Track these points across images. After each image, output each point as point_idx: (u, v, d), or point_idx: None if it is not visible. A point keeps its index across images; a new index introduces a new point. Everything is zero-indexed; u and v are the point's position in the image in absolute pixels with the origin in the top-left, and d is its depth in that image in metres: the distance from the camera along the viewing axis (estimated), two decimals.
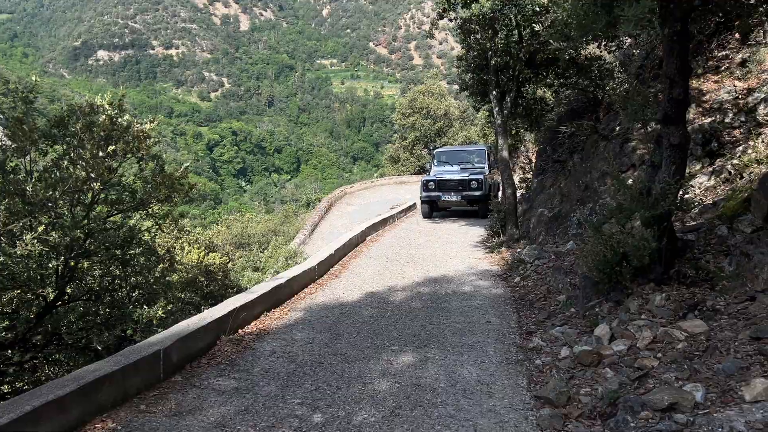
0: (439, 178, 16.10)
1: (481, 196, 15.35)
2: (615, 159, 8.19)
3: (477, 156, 17.36)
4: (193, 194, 6.47)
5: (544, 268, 8.11)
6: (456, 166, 17.03)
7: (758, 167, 6.16)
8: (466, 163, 17.06)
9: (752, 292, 4.53)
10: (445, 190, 15.88)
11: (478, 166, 16.71)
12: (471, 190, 15.51)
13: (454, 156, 17.84)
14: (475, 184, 15.45)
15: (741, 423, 2.89)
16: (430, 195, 16.13)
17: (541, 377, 4.45)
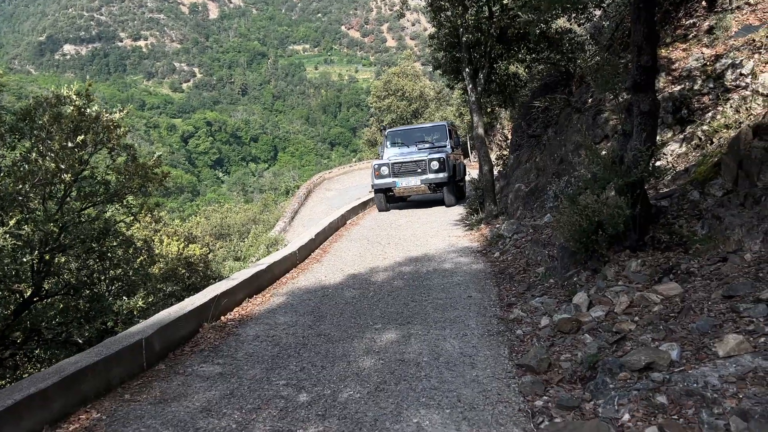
0: (394, 160, 13.72)
1: (446, 179, 13.25)
2: (588, 131, 8.26)
3: (437, 134, 15.15)
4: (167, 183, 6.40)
5: (522, 241, 8.19)
6: (412, 146, 14.93)
7: (727, 132, 6.26)
8: (424, 143, 14.96)
9: (724, 254, 4.63)
10: (401, 174, 13.56)
11: (439, 145, 14.58)
12: (432, 172, 13.28)
13: (410, 135, 15.55)
14: (436, 164, 13.19)
15: (715, 377, 2.97)
16: (384, 182, 13.73)
17: (522, 346, 4.51)
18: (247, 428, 3.50)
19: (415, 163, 13.48)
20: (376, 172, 13.77)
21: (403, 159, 13.71)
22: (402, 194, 14.18)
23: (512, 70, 12.55)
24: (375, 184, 13.90)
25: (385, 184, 13.75)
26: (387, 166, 13.65)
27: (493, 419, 3.38)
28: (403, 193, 14.02)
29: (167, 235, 11.98)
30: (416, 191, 13.89)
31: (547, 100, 10.14)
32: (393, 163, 13.67)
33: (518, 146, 12.08)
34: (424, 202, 15.09)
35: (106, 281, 6.64)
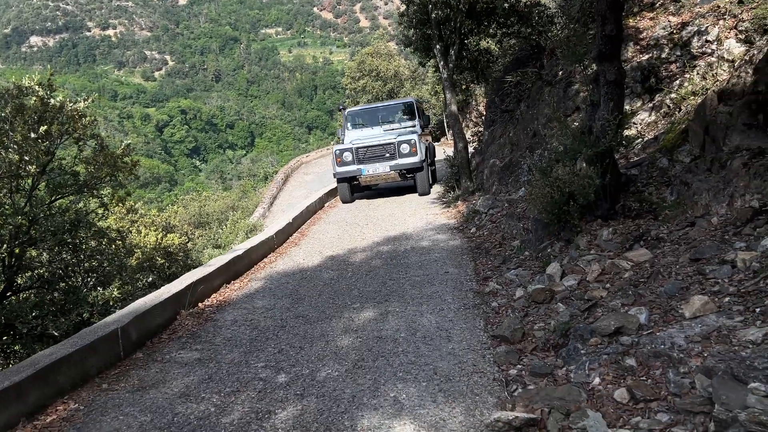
0: (358, 145, 12.14)
1: (419, 164, 11.75)
2: (559, 103, 8.31)
3: (404, 112, 13.57)
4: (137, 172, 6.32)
5: (498, 216, 8.25)
6: (377, 128, 13.36)
7: (694, 99, 6.33)
8: (390, 123, 13.45)
9: (692, 218, 4.71)
10: (366, 160, 12.01)
11: (407, 126, 13.11)
12: (403, 156, 11.79)
13: (373, 115, 13.93)
14: (407, 147, 11.65)
15: (681, 338, 3.04)
16: (348, 170, 12.14)
17: (497, 318, 4.57)
18: (226, 411, 3.52)
19: (383, 147, 11.91)
20: (338, 159, 12.15)
21: (369, 143, 12.07)
22: (369, 183, 12.50)
23: (483, 46, 12.53)
24: (337, 172, 12.25)
25: (349, 172, 12.15)
26: (350, 152, 12.07)
27: (469, 389, 3.43)
28: (370, 181, 12.36)
29: (145, 225, 11.89)
30: (385, 179, 12.23)
31: (519, 75, 10.16)
32: (357, 147, 12.02)
33: (492, 122, 12.11)
34: (396, 190, 13.65)
35: (81, 273, 6.57)
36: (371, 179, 12.21)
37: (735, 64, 6.25)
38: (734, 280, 3.41)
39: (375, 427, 3.12)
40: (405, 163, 11.78)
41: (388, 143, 11.91)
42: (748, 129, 4.86)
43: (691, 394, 2.62)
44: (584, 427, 2.70)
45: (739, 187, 4.42)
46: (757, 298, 3.10)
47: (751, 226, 3.99)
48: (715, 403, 2.41)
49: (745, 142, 4.84)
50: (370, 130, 13.32)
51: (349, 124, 13.71)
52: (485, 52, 12.46)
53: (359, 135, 13.18)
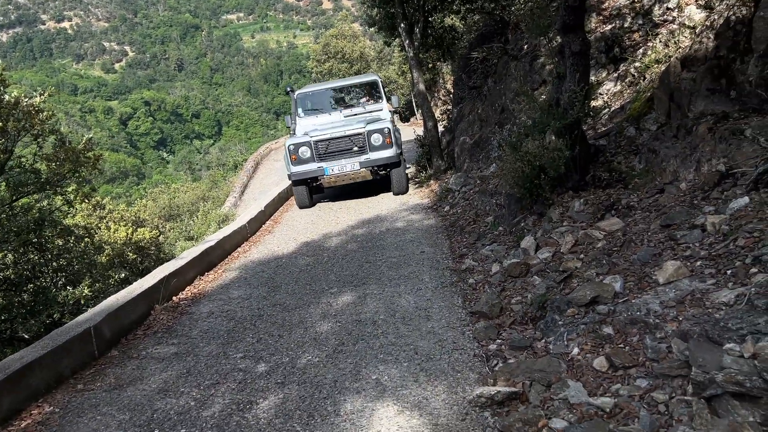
0: (318, 137, 9.78)
1: (395, 158, 9.74)
2: (526, 77, 8.31)
3: (368, 93, 11.42)
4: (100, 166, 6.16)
5: (471, 193, 8.26)
6: (336, 113, 11.05)
7: (658, 67, 6.38)
8: (351, 107, 11.18)
9: (661, 185, 4.77)
10: (330, 157, 9.75)
11: (374, 110, 10.83)
12: (376, 149, 9.65)
13: (330, 97, 11.57)
14: (379, 138, 9.61)
15: (656, 304, 3.07)
16: (306, 169, 9.79)
17: (474, 294, 4.59)
18: (206, 404, 3.47)
19: (350, 140, 9.69)
20: (293, 156, 9.78)
21: (332, 134, 9.77)
22: (333, 184, 10.11)
23: (448, 23, 12.46)
24: (293, 173, 9.87)
25: (308, 172, 9.79)
26: (308, 146, 9.74)
27: (450, 367, 3.44)
28: (335, 182, 9.96)
29: (114, 221, 11.65)
30: (354, 178, 9.89)
31: (485, 50, 10.13)
32: (317, 141, 9.73)
33: (460, 99, 12.08)
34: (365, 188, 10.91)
35: (50, 273, 6.41)
36: (337, 179, 9.86)
37: (696, 30, 6.30)
38: (705, 243, 3.46)
39: (358, 411, 3.10)
40: (379, 158, 9.62)
41: (356, 134, 9.66)
42: (711, 94, 4.91)
43: (669, 358, 2.65)
44: (565, 398, 2.72)
45: (706, 152, 4.47)
46: (727, 261, 3.15)
47: (719, 190, 4.04)
48: (692, 365, 2.44)
49: (709, 107, 4.89)
50: (327, 117, 10.94)
51: (300, 110, 11.18)
52: (450, 29, 12.39)
53: (315, 124, 10.70)
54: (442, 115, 15.20)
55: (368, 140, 9.63)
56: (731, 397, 2.19)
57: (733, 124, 4.40)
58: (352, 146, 9.71)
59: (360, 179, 9.93)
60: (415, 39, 10.84)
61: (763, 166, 3.67)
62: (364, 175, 9.80)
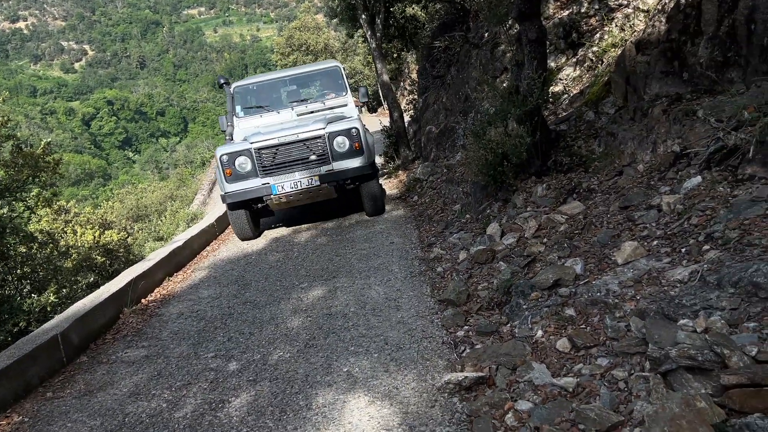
0: (261, 143, 7.24)
1: (366, 168, 7.39)
2: (488, 65, 8.38)
3: (326, 85, 8.87)
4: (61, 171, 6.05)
5: (438, 182, 8.33)
6: (287, 111, 8.38)
7: (615, 51, 6.50)
8: (307, 102, 8.55)
9: (620, 168, 4.88)
10: (278, 169, 7.27)
11: (336, 105, 8.37)
12: (340, 158, 7.28)
13: (279, 91, 8.95)
14: (345, 143, 7.26)
15: (615, 284, 3.16)
16: (245, 188, 7.28)
17: (443, 283, 4.65)
18: (178, 405, 3.47)
19: (305, 145, 7.20)
20: (227, 170, 7.22)
21: (279, 138, 7.19)
22: (285, 206, 7.67)
23: (410, 12, 12.47)
24: (228, 192, 7.24)
25: (249, 192, 7.21)
26: (248, 156, 7.21)
27: (419, 355, 3.49)
28: (287, 204, 7.48)
29: (80, 224, 11.45)
30: (313, 197, 7.42)
31: (447, 40, 10.18)
32: (261, 147, 7.19)
33: (425, 88, 12.13)
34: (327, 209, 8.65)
35: (14, 281, 6.29)
36: (289, 200, 7.30)
37: (650, 14, 6.43)
38: (661, 223, 3.56)
39: (330, 404, 3.14)
40: (345, 169, 7.21)
41: (314, 137, 7.16)
42: (665, 76, 5.03)
43: (627, 336, 2.74)
44: (530, 380, 2.79)
45: (661, 133, 4.59)
46: (682, 239, 3.25)
47: (674, 170, 4.16)
48: (649, 342, 2.53)
49: (663, 89, 5.02)
50: (274, 117, 8.25)
51: (238, 108, 8.47)
52: (412, 18, 12.41)
53: (259, 126, 8.06)
54: (408, 105, 15.24)
55: (330, 145, 7.16)
56: (685, 371, 2.27)
57: (686, 105, 4.52)
58: (309, 154, 7.16)
59: (321, 198, 7.50)
60: (377, 30, 10.84)
61: (714, 146, 3.79)
62: (326, 192, 7.33)
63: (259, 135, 7.31)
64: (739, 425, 1.94)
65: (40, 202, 6.23)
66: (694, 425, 1.98)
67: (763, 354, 2.14)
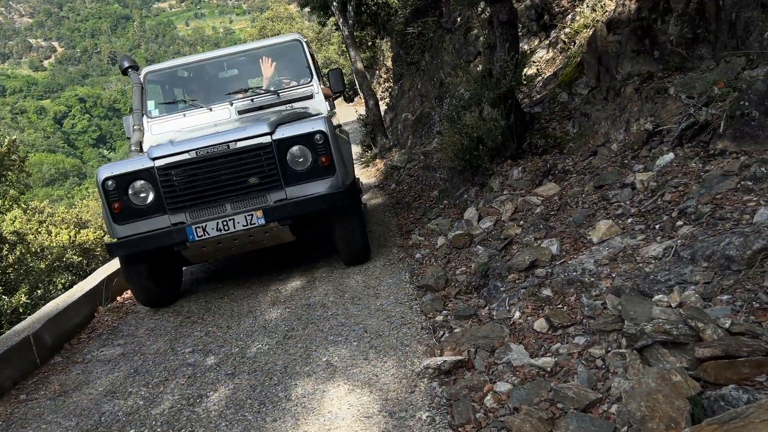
0: (169, 158, 4.47)
1: (338, 197, 4.64)
2: (461, 50, 8.35)
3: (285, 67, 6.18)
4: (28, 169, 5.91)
5: (415, 169, 8.31)
6: (222, 107, 5.68)
7: (586, 31, 6.50)
8: (251, 93, 5.80)
9: (594, 148, 4.89)
10: (197, 199, 4.54)
11: (296, 97, 5.73)
12: (298, 180, 4.60)
13: (210, 78, 6.24)
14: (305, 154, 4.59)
15: (591, 263, 3.16)
16: (146, 234, 4.57)
17: (421, 269, 4.62)
18: (156, 402, 3.41)
19: (240, 159, 4.52)
20: (114, 204, 4.56)
21: (199, 150, 4.48)
22: (209, 257, 5.19)
23: None
24: (120, 239, 4.62)
25: (151, 239, 4.58)
26: (148, 180, 4.55)
27: (398, 342, 3.47)
28: (213, 255, 5.02)
29: (54, 224, 11.24)
30: (254, 242, 4.82)
31: (420, 25, 10.13)
32: (166, 167, 4.50)
33: (400, 75, 12.08)
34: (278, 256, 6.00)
35: None
36: (217, 249, 4.80)
37: None
38: (635, 201, 3.58)
39: (309, 394, 3.10)
40: (306, 198, 4.62)
41: (254, 148, 4.53)
42: (637, 55, 5.05)
43: (604, 314, 2.74)
44: (508, 361, 2.78)
45: (634, 112, 4.60)
46: (656, 216, 3.26)
47: (647, 148, 4.18)
48: (625, 319, 2.53)
49: (635, 68, 5.03)
50: (206, 116, 5.65)
51: (151, 104, 5.88)
52: (384, 5, 12.31)
53: (182, 130, 5.54)
54: (384, 92, 15.16)
55: (281, 160, 4.54)
56: (660, 346, 2.27)
57: (657, 83, 4.54)
58: (247, 175, 4.50)
59: (269, 243, 4.88)
60: (349, 17, 10.73)
61: (685, 122, 3.80)
62: (276, 235, 4.72)
63: (169, 146, 4.46)
64: (714, 397, 1.95)
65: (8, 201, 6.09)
66: (670, 399, 1.98)
67: (736, 326, 2.15)
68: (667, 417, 1.94)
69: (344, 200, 4.67)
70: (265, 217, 4.51)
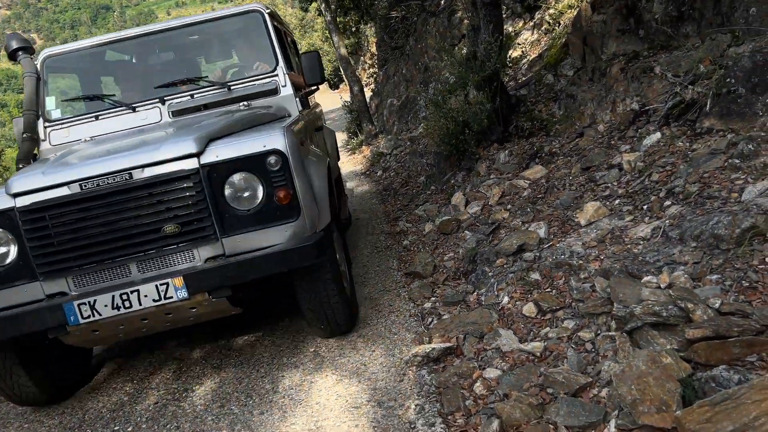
0: (37, 195, 2.75)
1: (307, 252, 2.83)
2: (446, 33, 8.26)
3: (240, 49, 4.49)
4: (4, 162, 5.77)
5: (402, 155, 8.24)
6: (152, 105, 3.84)
7: (571, 12, 6.44)
8: (191, 87, 3.88)
9: (581, 129, 4.85)
10: (81, 258, 2.79)
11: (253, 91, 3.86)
12: (242, 226, 2.86)
13: (137, 64, 4.42)
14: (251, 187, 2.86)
15: (579, 245, 3.13)
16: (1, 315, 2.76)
17: (409, 256, 4.58)
18: (140, 398, 3.33)
19: (149, 195, 2.79)
20: None
21: (86, 182, 2.75)
22: (99, 342, 3.31)
23: None
24: None
25: (8, 322, 2.75)
26: (5, 228, 2.80)
27: (386, 330, 3.42)
28: (108, 340, 3.29)
29: None
30: (171, 320, 3.00)
31: (404, 9, 10.01)
32: (32, 208, 2.76)
33: (385, 61, 11.96)
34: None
35: None
36: (112, 334, 3.05)
37: None
38: (622, 182, 3.54)
39: (297, 385, 3.05)
40: (251, 255, 2.85)
41: (168, 177, 2.79)
42: (622, 34, 4.99)
43: (593, 297, 2.70)
44: (498, 347, 2.75)
45: (620, 92, 4.56)
46: (644, 196, 3.23)
47: (634, 128, 4.14)
48: (614, 302, 2.49)
49: (621, 48, 4.98)
50: (127, 119, 3.87)
51: (50, 102, 4.14)
52: None
53: (88, 137, 3.90)
54: (369, 78, 15.03)
55: (214, 194, 2.85)
56: (650, 328, 2.24)
57: (643, 62, 4.49)
58: (159, 218, 2.83)
59: (200, 320, 3.21)
60: (331, 2, 10.58)
61: (671, 101, 3.76)
62: (209, 311, 3.05)
63: (38, 176, 2.86)
64: (705, 378, 1.92)
65: None
66: (660, 381, 1.95)
67: (726, 306, 2.12)
68: (658, 400, 1.91)
69: (315, 257, 2.86)
70: (188, 288, 2.75)
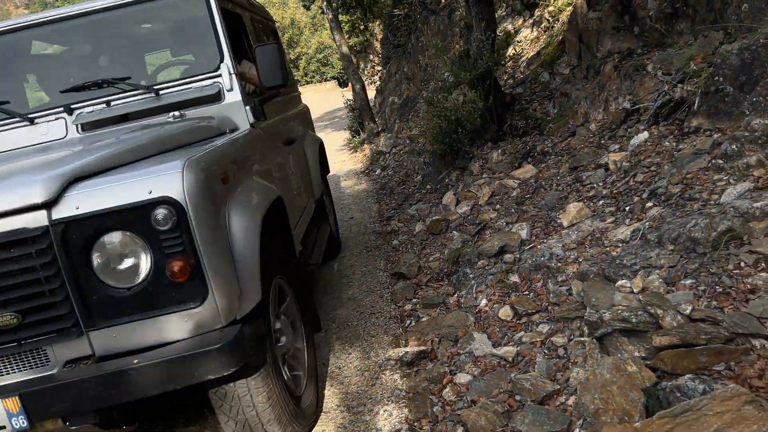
0: None
1: (218, 356, 1.72)
2: (446, 30, 8.19)
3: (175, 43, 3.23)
4: None
5: (401, 154, 8.18)
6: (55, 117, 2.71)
7: (569, 9, 6.34)
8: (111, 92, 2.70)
9: (573, 128, 4.76)
10: None
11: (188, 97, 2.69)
12: (120, 312, 1.74)
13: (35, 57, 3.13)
14: (138, 253, 1.73)
15: (559, 247, 3.05)
16: None
17: (397, 256, 4.52)
18: None
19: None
20: None
21: None
22: None
23: None
24: None
25: None
26: None
27: (365, 332, 3.37)
28: None
29: None
30: None
31: (406, 7, 9.94)
32: None
33: (388, 59, 11.90)
34: None
35: None
36: None
37: None
38: (608, 182, 3.46)
39: None
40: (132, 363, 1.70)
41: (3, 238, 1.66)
42: (617, 32, 4.89)
43: (568, 301, 2.64)
44: (471, 351, 2.68)
45: (612, 90, 4.47)
46: (627, 197, 3.15)
47: (624, 127, 4.06)
48: (587, 306, 2.43)
49: (616, 45, 4.88)
50: (22, 135, 2.75)
51: None
52: None
53: None
54: (374, 76, 14.97)
55: (74, 264, 1.71)
56: (620, 334, 2.17)
57: (636, 60, 4.40)
58: None
59: None
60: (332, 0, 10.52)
61: (661, 100, 3.68)
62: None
63: None
64: (669, 388, 1.85)
65: None
66: (624, 390, 1.88)
67: (697, 311, 2.05)
68: (621, 410, 1.85)
69: (233, 364, 1.80)
70: (29, 413, 1.76)
